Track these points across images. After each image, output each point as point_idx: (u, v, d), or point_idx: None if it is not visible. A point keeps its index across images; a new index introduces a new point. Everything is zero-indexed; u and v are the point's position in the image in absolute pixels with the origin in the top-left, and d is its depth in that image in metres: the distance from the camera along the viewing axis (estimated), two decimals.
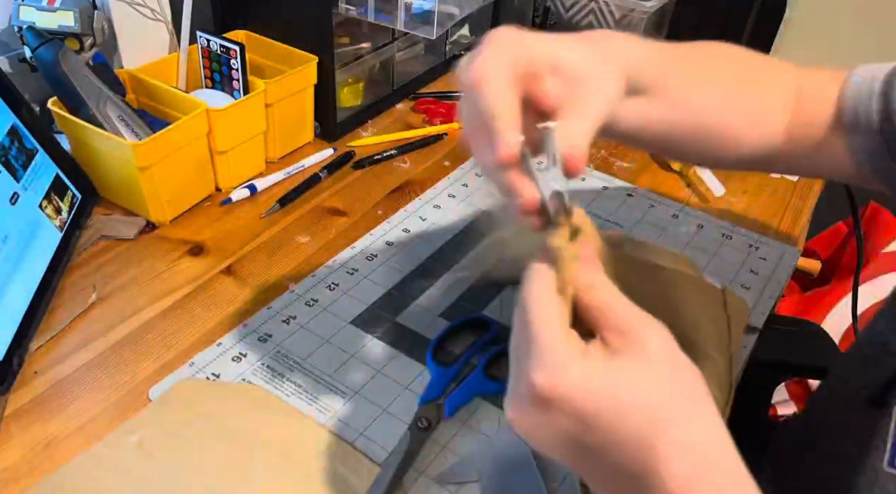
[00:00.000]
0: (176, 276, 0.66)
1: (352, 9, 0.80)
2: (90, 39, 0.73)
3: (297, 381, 0.56)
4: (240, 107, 0.73)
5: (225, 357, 0.58)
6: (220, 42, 0.74)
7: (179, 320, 0.62)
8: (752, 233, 0.77)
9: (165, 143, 0.67)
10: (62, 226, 0.66)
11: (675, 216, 0.78)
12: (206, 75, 0.78)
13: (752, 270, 0.71)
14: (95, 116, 0.67)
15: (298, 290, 0.65)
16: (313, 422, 0.53)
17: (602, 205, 0.79)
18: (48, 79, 0.66)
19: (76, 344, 0.59)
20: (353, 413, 0.54)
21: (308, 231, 0.73)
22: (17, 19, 0.70)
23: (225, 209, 0.75)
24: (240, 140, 0.75)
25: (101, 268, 0.66)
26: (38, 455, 0.50)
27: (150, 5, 0.79)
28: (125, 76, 0.75)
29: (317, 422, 0.53)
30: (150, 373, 0.57)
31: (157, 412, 0.53)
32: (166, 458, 0.50)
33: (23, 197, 0.61)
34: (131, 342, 0.59)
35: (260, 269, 0.68)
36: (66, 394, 0.55)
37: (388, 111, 0.95)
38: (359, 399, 0.55)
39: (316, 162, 0.83)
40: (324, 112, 0.85)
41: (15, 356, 0.55)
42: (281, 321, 0.62)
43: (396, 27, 0.81)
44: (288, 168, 0.80)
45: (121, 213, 0.72)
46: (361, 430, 0.53)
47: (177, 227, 0.72)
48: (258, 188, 0.77)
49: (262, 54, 0.83)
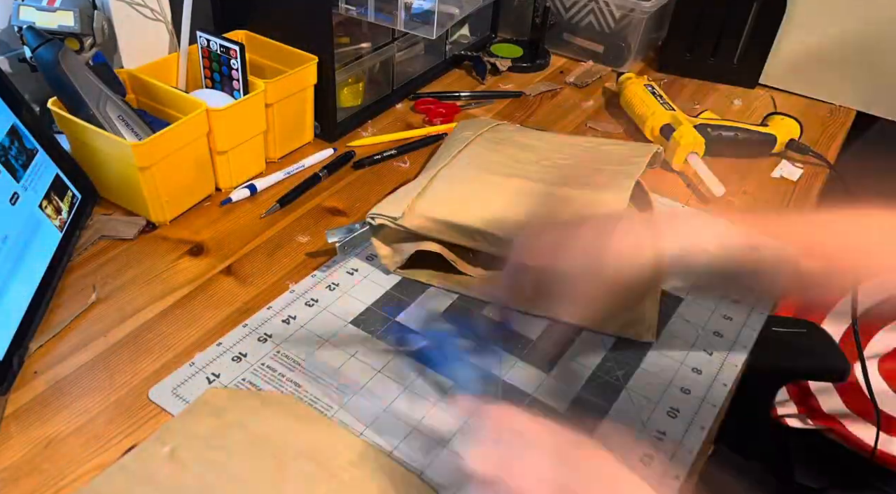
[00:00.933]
0: (176, 276, 0.66)
1: (352, 9, 0.80)
2: (90, 39, 0.73)
3: (297, 381, 0.56)
4: (240, 107, 0.73)
5: (225, 357, 0.58)
6: (220, 42, 0.74)
7: (179, 320, 0.62)
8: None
9: (165, 143, 0.67)
10: (62, 226, 0.66)
11: None
12: (206, 75, 0.78)
13: None
14: (95, 116, 0.67)
15: (298, 290, 0.65)
16: (346, 431, 0.52)
17: None
18: (48, 79, 0.66)
19: (76, 344, 0.59)
20: (354, 413, 0.54)
21: (308, 231, 0.73)
22: (17, 19, 0.70)
23: (225, 209, 0.75)
24: (240, 140, 0.75)
25: (101, 268, 0.66)
26: (38, 455, 0.50)
27: (150, 5, 0.79)
28: (125, 76, 0.75)
29: (350, 431, 0.53)
30: (150, 373, 0.57)
31: (187, 421, 0.52)
32: (199, 469, 0.49)
33: (23, 197, 0.61)
34: (131, 342, 0.59)
35: (260, 269, 0.68)
36: (66, 394, 0.55)
37: (388, 111, 0.95)
38: (359, 399, 0.55)
39: (316, 162, 0.83)
40: (324, 112, 0.85)
41: (15, 356, 0.55)
42: (281, 321, 0.62)
43: (396, 27, 0.81)
44: (288, 168, 0.80)
45: (121, 213, 0.72)
46: (361, 430, 0.53)
47: (177, 227, 0.72)
48: (258, 188, 0.77)
49: (262, 54, 0.83)
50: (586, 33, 1.10)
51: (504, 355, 0.60)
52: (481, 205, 0.64)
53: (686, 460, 0.53)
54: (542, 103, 1.00)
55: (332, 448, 0.51)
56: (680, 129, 0.85)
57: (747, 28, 1.01)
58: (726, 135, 0.87)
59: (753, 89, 1.07)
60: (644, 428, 0.55)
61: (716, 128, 0.87)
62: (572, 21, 1.10)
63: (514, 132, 0.79)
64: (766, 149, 0.89)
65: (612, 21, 1.07)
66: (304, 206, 0.77)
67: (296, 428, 0.52)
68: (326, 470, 0.49)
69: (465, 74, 1.06)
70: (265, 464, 0.50)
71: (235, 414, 0.53)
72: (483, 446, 0.42)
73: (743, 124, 0.90)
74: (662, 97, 0.92)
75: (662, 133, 0.88)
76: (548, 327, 0.62)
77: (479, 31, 1.11)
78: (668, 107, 0.90)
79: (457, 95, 0.99)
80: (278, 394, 0.55)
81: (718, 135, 0.87)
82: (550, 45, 1.12)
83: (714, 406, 0.57)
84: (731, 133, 0.87)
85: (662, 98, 0.92)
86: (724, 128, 0.88)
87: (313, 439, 0.51)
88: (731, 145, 0.87)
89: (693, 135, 0.84)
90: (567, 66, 1.10)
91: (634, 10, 1.03)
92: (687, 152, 0.84)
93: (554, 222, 0.57)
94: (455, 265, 0.65)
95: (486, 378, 0.57)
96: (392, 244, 0.67)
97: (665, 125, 0.88)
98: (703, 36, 1.04)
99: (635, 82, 0.96)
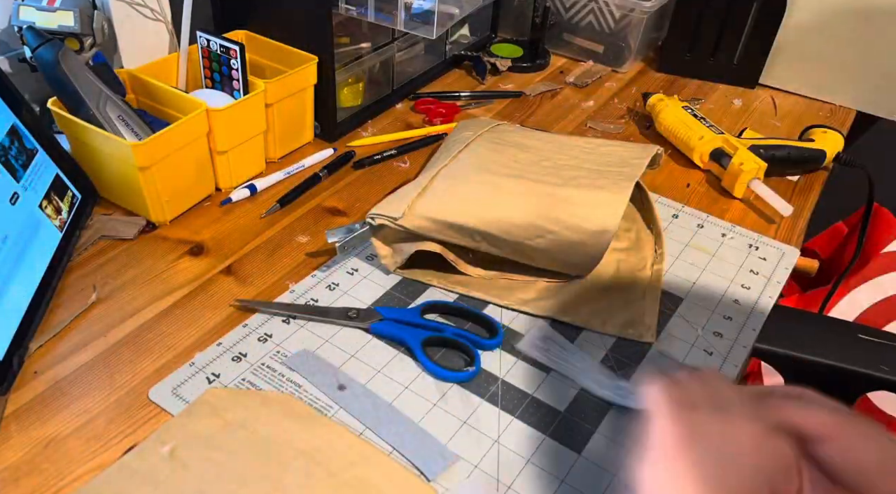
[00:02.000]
0: (176, 276, 0.66)
1: (352, 9, 0.80)
2: (90, 39, 0.73)
3: (297, 381, 0.56)
4: (240, 107, 0.73)
5: (225, 357, 0.58)
6: (220, 42, 0.74)
7: (179, 320, 0.62)
8: (751, 232, 0.77)
9: (165, 143, 0.67)
10: (62, 226, 0.66)
11: (675, 216, 0.78)
12: (206, 75, 0.78)
13: (752, 270, 0.71)
14: (95, 116, 0.67)
15: (298, 290, 0.65)
16: (345, 431, 0.52)
17: None
18: (48, 79, 0.66)
19: (76, 344, 0.59)
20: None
21: (308, 231, 0.73)
22: (17, 19, 0.70)
23: (225, 209, 0.75)
24: (240, 140, 0.75)
25: (101, 268, 0.66)
26: (38, 455, 0.50)
27: (150, 5, 0.79)
28: (125, 76, 0.75)
29: (350, 431, 0.53)
30: (150, 373, 0.57)
31: (187, 421, 0.52)
32: (200, 468, 0.49)
33: (23, 197, 0.61)
34: (131, 342, 0.59)
35: (260, 269, 0.68)
36: (66, 394, 0.55)
37: (388, 111, 0.95)
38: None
39: (316, 162, 0.83)
40: (324, 112, 0.85)
41: (15, 356, 0.55)
42: (281, 321, 0.62)
43: (396, 27, 0.81)
44: (288, 168, 0.80)
45: (121, 213, 0.72)
46: (361, 430, 0.53)
47: (177, 227, 0.72)
48: (258, 188, 0.77)
49: (262, 54, 0.83)
50: (586, 33, 1.10)
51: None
52: (481, 205, 0.64)
53: None
54: (542, 103, 1.00)
55: (332, 448, 0.51)
56: (738, 155, 0.82)
57: (747, 28, 1.01)
58: (779, 155, 0.84)
59: (753, 89, 1.07)
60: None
61: (768, 149, 0.84)
62: (572, 21, 1.10)
63: (514, 132, 0.79)
64: (817, 166, 0.87)
65: (612, 21, 1.07)
66: (304, 206, 0.77)
67: (295, 428, 0.52)
68: (326, 470, 0.49)
69: (465, 74, 1.06)
70: (265, 464, 0.50)
71: (235, 414, 0.53)
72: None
73: (791, 142, 0.86)
74: (706, 119, 0.88)
75: (714, 158, 0.85)
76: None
77: (479, 31, 1.11)
78: (716, 130, 0.86)
79: (457, 95, 0.99)
80: (278, 394, 0.55)
81: (772, 156, 0.83)
82: (550, 45, 1.12)
83: None
84: (783, 152, 0.84)
85: (706, 120, 0.88)
86: (776, 147, 0.84)
87: (313, 439, 0.51)
88: (783, 164, 0.85)
89: (753, 160, 0.81)
90: (567, 66, 1.10)
91: (634, 10, 1.03)
92: (750, 178, 0.81)
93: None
94: (455, 265, 0.65)
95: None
96: (392, 244, 0.67)
97: (716, 149, 0.85)
98: (703, 36, 1.05)
99: (671, 104, 0.91)
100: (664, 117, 0.91)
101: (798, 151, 0.86)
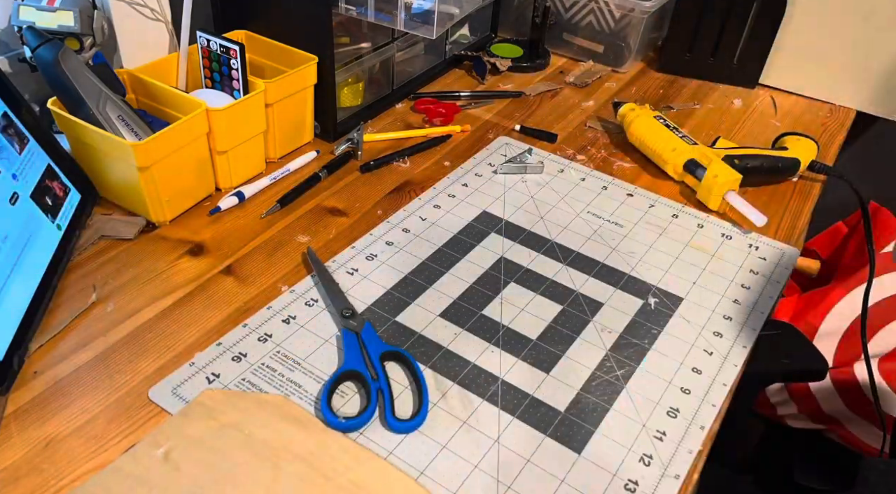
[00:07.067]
0: (176, 276, 0.66)
1: (352, 9, 0.80)
2: (90, 39, 0.73)
3: (297, 381, 0.56)
4: (240, 107, 0.73)
5: (225, 357, 0.58)
6: (220, 42, 0.74)
7: (179, 320, 0.62)
8: (751, 232, 0.77)
9: (165, 143, 0.67)
10: (62, 226, 0.66)
11: (675, 216, 0.78)
12: (206, 75, 0.78)
13: (752, 270, 0.71)
14: (95, 116, 0.67)
15: (298, 290, 0.65)
16: (341, 433, 0.52)
17: (602, 205, 0.79)
18: (48, 79, 0.66)
19: (76, 344, 0.59)
20: (353, 413, 0.54)
21: (308, 231, 0.73)
22: (17, 19, 0.70)
23: (224, 209, 0.75)
24: (240, 140, 0.75)
25: (101, 268, 0.66)
26: (38, 455, 0.50)
27: (150, 5, 0.79)
28: (125, 76, 0.75)
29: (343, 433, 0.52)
30: (150, 373, 0.57)
31: (182, 423, 0.52)
32: (194, 471, 0.49)
33: (23, 197, 0.61)
34: (131, 342, 0.59)
35: (260, 269, 0.68)
36: (66, 394, 0.55)
37: (388, 111, 0.95)
38: (359, 399, 0.55)
39: (299, 166, 0.82)
40: (324, 112, 0.85)
41: (15, 356, 0.55)
42: (281, 321, 0.62)
43: (396, 27, 0.81)
44: (288, 167, 0.80)
45: (121, 213, 0.72)
46: (361, 430, 0.53)
47: (177, 227, 0.72)
48: (257, 188, 0.77)
49: (262, 54, 0.83)
50: (586, 33, 1.10)
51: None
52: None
53: (686, 460, 0.53)
54: (541, 103, 1.00)
55: (327, 451, 0.51)
56: (712, 167, 0.79)
57: (747, 28, 1.01)
58: (753, 165, 0.82)
59: (753, 89, 1.07)
60: (644, 428, 0.55)
61: (742, 159, 0.82)
62: (572, 21, 1.10)
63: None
64: (791, 174, 0.85)
65: (612, 21, 1.07)
66: (304, 206, 0.77)
67: (291, 431, 0.52)
68: (321, 473, 0.49)
69: (465, 74, 1.06)
70: (260, 466, 0.49)
71: (230, 416, 0.53)
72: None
73: (765, 151, 0.85)
74: (678, 129, 0.86)
75: (688, 170, 0.83)
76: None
77: (479, 31, 1.11)
78: (689, 140, 0.84)
79: (457, 95, 0.99)
80: (274, 396, 0.55)
81: (745, 166, 0.81)
82: (550, 44, 1.12)
83: (714, 406, 0.57)
84: (757, 162, 0.83)
85: (678, 130, 0.86)
86: (750, 157, 0.83)
87: (308, 441, 0.51)
88: (757, 174, 0.83)
89: (728, 173, 0.78)
90: (567, 65, 1.10)
91: (634, 10, 1.03)
92: (725, 191, 0.78)
93: None
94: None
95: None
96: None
97: (690, 161, 0.82)
98: (703, 36, 1.05)
99: (642, 115, 0.88)
100: (636, 128, 0.88)
101: (771, 161, 0.84)
